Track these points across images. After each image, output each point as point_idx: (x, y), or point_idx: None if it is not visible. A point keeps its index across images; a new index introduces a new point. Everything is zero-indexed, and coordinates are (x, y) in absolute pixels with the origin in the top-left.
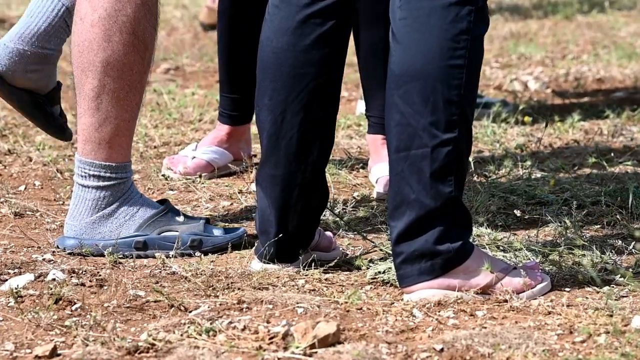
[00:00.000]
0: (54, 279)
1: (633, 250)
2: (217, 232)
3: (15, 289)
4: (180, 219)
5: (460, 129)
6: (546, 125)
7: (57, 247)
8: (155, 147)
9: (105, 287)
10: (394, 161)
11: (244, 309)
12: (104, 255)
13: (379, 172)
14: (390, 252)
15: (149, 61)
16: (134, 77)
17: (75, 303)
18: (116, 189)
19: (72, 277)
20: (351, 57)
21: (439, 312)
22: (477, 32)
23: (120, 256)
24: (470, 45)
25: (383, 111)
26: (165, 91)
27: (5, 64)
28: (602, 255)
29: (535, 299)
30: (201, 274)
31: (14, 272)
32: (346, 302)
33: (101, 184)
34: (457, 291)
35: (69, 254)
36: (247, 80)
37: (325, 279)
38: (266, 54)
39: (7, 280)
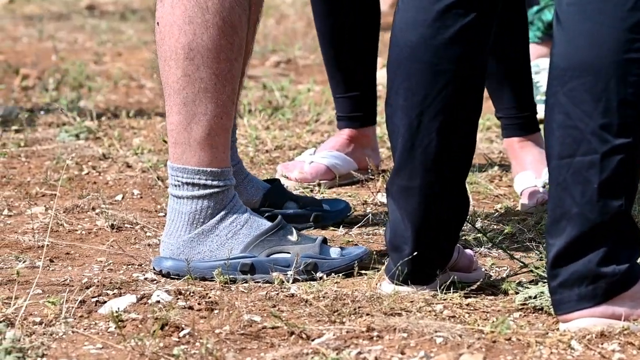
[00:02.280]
0: (158, 301)
1: None
2: (334, 253)
3: (116, 312)
4: (294, 238)
5: (636, 134)
6: None
7: (154, 269)
8: (267, 151)
9: (216, 311)
10: (554, 169)
11: (374, 338)
12: (208, 278)
13: (524, 182)
14: (542, 273)
15: (240, 48)
16: (222, 65)
17: (183, 329)
18: (215, 200)
19: (178, 299)
20: None
21: (602, 344)
22: None
23: (231, 276)
24: None
25: (512, 110)
26: (277, 87)
27: None
28: None
29: None
30: (324, 297)
31: (114, 293)
32: (492, 332)
33: (196, 193)
34: (624, 320)
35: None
36: (364, 73)
37: (467, 304)
38: (399, 49)
39: (106, 302)
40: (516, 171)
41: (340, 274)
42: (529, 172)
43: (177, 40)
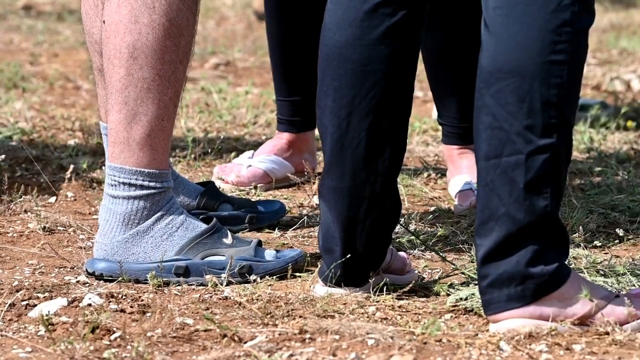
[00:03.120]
0: (89, 305)
1: None
2: (269, 255)
3: (46, 315)
4: (228, 240)
5: (559, 134)
6: None
7: (87, 271)
8: (203, 154)
9: (149, 314)
10: (482, 169)
11: (307, 340)
12: (142, 281)
13: (458, 185)
14: (474, 275)
15: (186, 50)
16: (166, 67)
17: (114, 332)
18: (152, 201)
19: (110, 302)
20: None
21: (530, 345)
22: (580, 24)
23: (165, 279)
24: (573, 38)
25: (455, 120)
26: (215, 89)
27: None
28: None
29: None
30: (258, 300)
31: (45, 297)
32: (423, 333)
33: (133, 193)
34: (551, 321)
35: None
36: (307, 79)
37: (399, 306)
38: (328, 49)
39: (36, 305)
40: (452, 175)
41: (274, 277)
42: (464, 175)
43: (122, 39)
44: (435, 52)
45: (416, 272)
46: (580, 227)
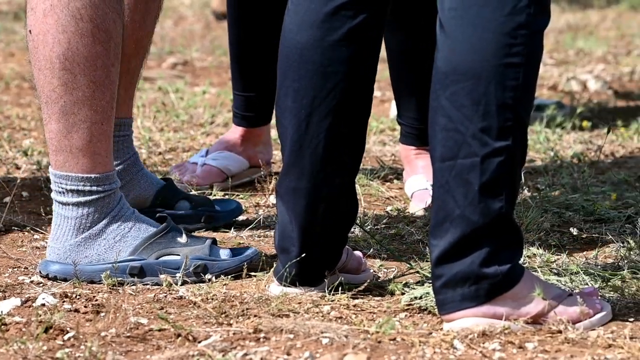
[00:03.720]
0: (43, 305)
1: None
2: (224, 254)
3: None
4: (183, 239)
5: (515, 136)
6: (608, 132)
7: (40, 273)
8: (160, 153)
9: (103, 314)
10: (437, 171)
11: (261, 339)
12: (96, 281)
13: (415, 185)
14: (429, 275)
15: (116, 52)
16: (99, 73)
17: (67, 332)
18: (101, 205)
19: (64, 302)
20: (384, 51)
21: (483, 344)
22: (536, 26)
23: (119, 279)
24: (528, 41)
25: (414, 121)
26: (172, 89)
27: None
28: None
29: (594, 330)
30: (212, 299)
31: None
32: (377, 332)
33: (82, 199)
34: (505, 320)
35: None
36: (263, 76)
37: (354, 305)
38: (288, 50)
39: None
40: (408, 175)
41: (230, 276)
42: (420, 175)
43: (51, 49)
44: (397, 53)
45: (371, 271)
46: (535, 227)
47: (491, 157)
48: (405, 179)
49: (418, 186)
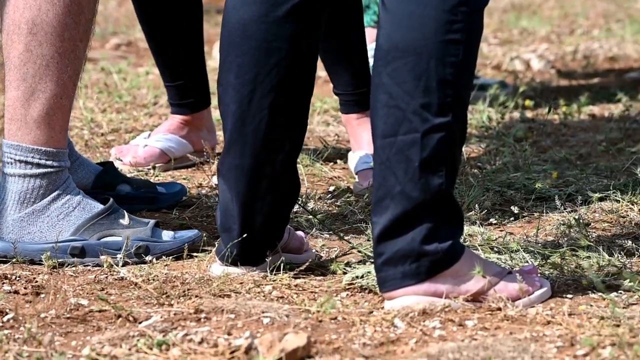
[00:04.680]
0: None
1: None
2: (166, 236)
3: None
4: (125, 221)
5: (455, 113)
6: (549, 110)
7: None
8: (102, 134)
9: (43, 295)
10: (379, 148)
11: (202, 320)
12: (37, 261)
13: (359, 163)
14: (370, 254)
15: (87, 29)
16: (66, 44)
17: (7, 313)
18: (48, 180)
19: (3, 283)
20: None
21: (423, 321)
22: (476, 4)
23: (60, 260)
24: (469, 18)
25: (349, 87)
26: (115, 70)
27: None
28: (610, 258)
29: (533, 307)
30: (153, 280)
31: None
32: (318, 311)
33: (29, 171)
34: (445, 298)
35: None
36: (187, 62)
37: (296, 285)
38: (232, 25)
39: None
40: (353, 149)
41: (171, 257)
42: (364, 151)
43: (21, 14)
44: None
45: (313, 251)
46: (476, 205)
47: (431, 133)
48: (350, 156)
49: (362, 165)
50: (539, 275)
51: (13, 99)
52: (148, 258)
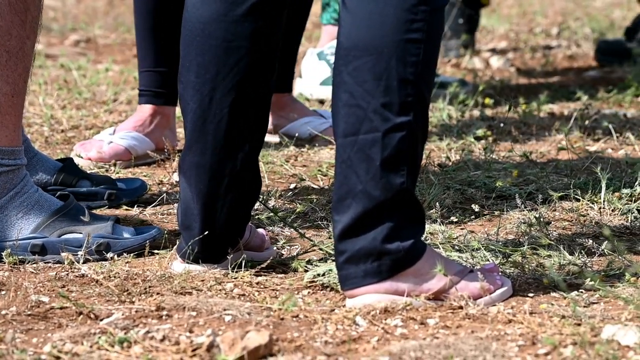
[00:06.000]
0: None
1: (604, 250)
2: (127, 233)
3: None
4: (86, 218)
5: (416, 112)
6: (510, 109)
7: None
8: (62, 131)
9: (3, 292)
10: (340, 147)
11: (164, 317)
12: None
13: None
14: (332, 252)
15: (33, 25)
16: (13, 43)
17: None
18: (4, 179)
19: None
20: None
21: (385, 320)
22: (436, 2)
23: (21, 257)
24: (429, 17)
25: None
26: (75, 66)
27: None
28: (570, 256)
29: (494, 305)
30: (115, 277)
31: None
32: (280, 309)
33: None
34: (406, 296)
35: None
36: (175, 51)
37: (257, 283)
38: (191, 24)
39: None
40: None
41: (132, 254)
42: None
43: None
44: None
45: (274, 248)
46: (437, 203)
47: (392, 132)
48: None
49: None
50: (500, 273)
51: None
52: (109, 255)
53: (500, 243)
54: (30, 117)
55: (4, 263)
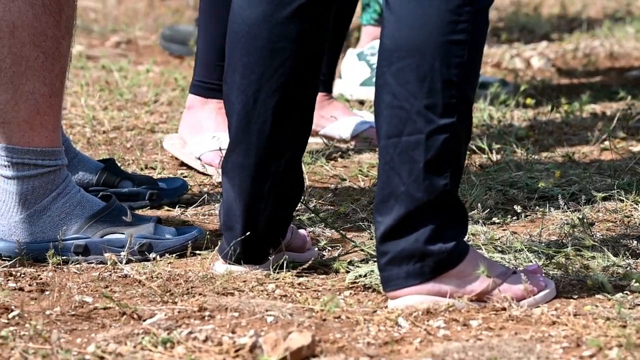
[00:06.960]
0: None
1: None
2: (169, 234)
3: None
4: (128, 218)
5: (460, 114)
6: (552, 109)
7: None
8: (104, 132)
9: (47, 292)
10: (382, 148)
11: (206, 318)
12: (41, 259)
13: (352, 125)
14: (373, 252)
15: (68, 25)
16: (49, 44)
17: (12, 310)
18: (47, 180)
19: (8, 280)
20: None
21: (428, 321)
22: (481, 3)
23: (64, 257)
24: (473, 18)
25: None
26: (116, 68)
27: None
28: (615, 258)
29: (538, 307)
30: (157, 278)
31: None
32: (322, 310)
33: (27, 173)
34: (449, 298)
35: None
36: None
37: (299, 284)
38: (237, 26)
39: None
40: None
41: (174, 255)
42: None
43: (1, 17)
44: None
45: (316, 249)
46: (479, 204)
47: (436, 134)
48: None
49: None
50: (543, 275)
51: (3, 103)
52: (151, 256)
53: (543, 244)
54: (72, 119)
55: (48, 264)
